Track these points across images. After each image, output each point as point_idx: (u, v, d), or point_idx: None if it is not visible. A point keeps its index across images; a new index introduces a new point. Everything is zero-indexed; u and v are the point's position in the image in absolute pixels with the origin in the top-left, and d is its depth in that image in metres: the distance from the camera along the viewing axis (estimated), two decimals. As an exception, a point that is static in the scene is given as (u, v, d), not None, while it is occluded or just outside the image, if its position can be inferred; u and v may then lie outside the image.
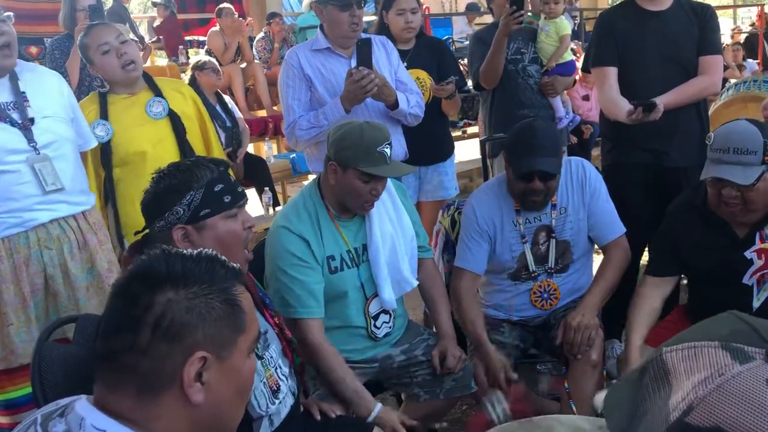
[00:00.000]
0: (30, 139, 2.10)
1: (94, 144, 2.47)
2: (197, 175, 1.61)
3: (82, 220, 2.24)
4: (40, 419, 0.99)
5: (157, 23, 8.23)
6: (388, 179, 2.21)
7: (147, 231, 1.71)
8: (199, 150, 2.72)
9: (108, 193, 2.59)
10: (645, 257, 3.05)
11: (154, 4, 8.11)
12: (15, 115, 2.10)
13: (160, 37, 7.86)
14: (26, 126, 2.10)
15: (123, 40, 2.58)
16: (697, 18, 2.84)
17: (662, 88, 2.76)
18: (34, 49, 5.90)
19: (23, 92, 2.14)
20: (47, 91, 2.22)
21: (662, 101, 2.66)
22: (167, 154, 2.61)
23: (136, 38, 7.36)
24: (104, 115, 2.57)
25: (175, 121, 2.65)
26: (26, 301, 2.13)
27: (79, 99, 2.63)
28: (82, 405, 0.98)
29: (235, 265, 1.07)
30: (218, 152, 2.84)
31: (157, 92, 2.65)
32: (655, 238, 2.45)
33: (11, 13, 2.11)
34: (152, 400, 0.97)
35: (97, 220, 2.32)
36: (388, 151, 2.08)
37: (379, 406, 2.03)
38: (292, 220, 2.14)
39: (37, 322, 2.18)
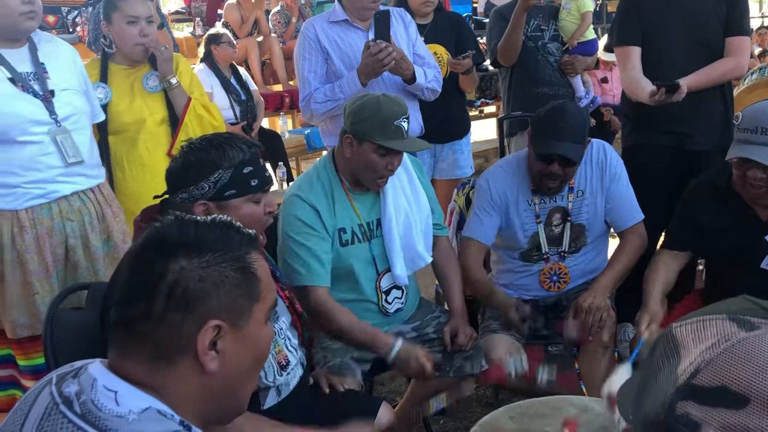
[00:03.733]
0: (51, 111, 2.11)
1: (102, 118, 2.48)
2: (229, 154, 1.61)
3: (98, 193, 2.28)
4: (55, 379, 1.00)
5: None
6: (405, 155, 2.18)
7: (165, 197, 1.70)
8: (198, 115, 2.70)
9: (102, 156, 2.60)
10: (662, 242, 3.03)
11: None
12: (36, 87, 2.10)
13: (192, 5, 7.76)
14: (47, 98, 2.11)
15: (150, 21, 2.61)
16: None
17: (687, 69, 2.69)
18: (51, 18, 5.90)
19: (42, 63, 2.14)
20: (63, 62, 2.24)
21: (685, 83, 2.61)
22: (159, 126, 2.65)
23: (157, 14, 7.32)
24: (103, 80, 2.60)
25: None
26: (49, 271, 2.16)
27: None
28: (96, 367, 0.98)
29: (250, 231, 1.06)
30: (218, 116, 2.84)
31: (156, 66, 2.66)
32: (675, 214, 2.42)
33: None
34: (166, 367, 0.97)
35: (109, 193, 2.35)
36: (405, 125, 2.05)
37: (400, 340, 2.06)
38: (305, 189, 2.13)
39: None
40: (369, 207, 2.21)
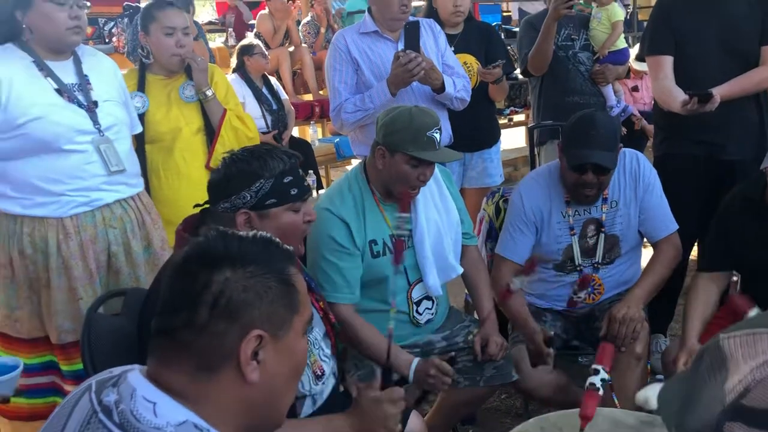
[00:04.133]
0: (95, 121, 2.18)
1: (139, 129, 2.54)
2: (270, 164, 1.64)
3: (138, 201, 2.33)
4: (94, 386, 1.01)
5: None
6: (436, 165, 2.19)
7: (205, 206, 1.73)
8: (233, 127, 2.74)
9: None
10: (694, 252, 2.98)
11: None
12: (81, 97, 2.17)
13: (227, 16, 7.85)
14: (91, 108, 2.18)
15: (187, 32, 2.66)
16: (760, 5, 2.72)
17: (721, 78, 2.66)
18: (88, 29, 6.03)
19: (86, 75, 2.21)
20: (105, 75, 2.30)
21: (719, 92, 2.58)
22: (195, 136, 2.70)
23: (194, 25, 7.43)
24: (141, 90, 2.67)
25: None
26: (93, 276, 2.22)
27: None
28: (135, 376, 1.00)
29: (289, 247, 1.08)
30: (253, 127, 2.88)
31: (191, 76, 2.71)
32: (709, 232, 2.38)
33: (88, 2, 2.19)
34: (208, 378, 0.98)
35: (148, 201, 2.41)
36: (437, 136, 2.06)
37: (416, 360, 2.06)
38: (335, 202, 2.15)
39: None
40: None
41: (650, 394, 1.82)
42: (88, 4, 2.18)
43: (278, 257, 1.05)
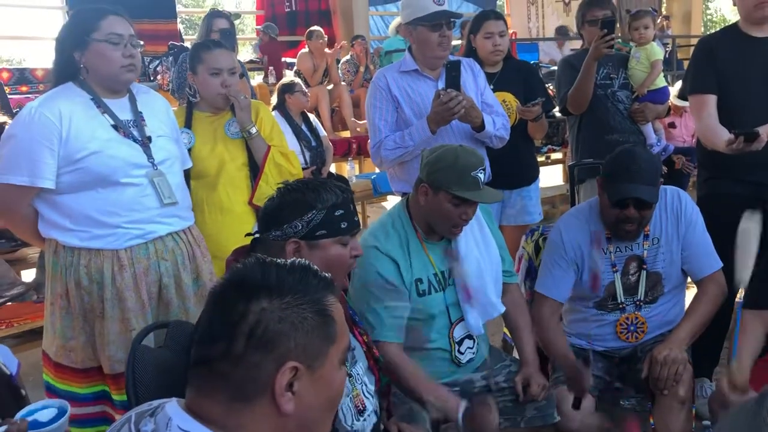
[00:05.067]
0: (149, 155, 2.25)
1: (190, 164, 2.60)
2: (323, 196, 1.68)
3: (189, 234, 2.38)
4: (134, 418, 1.04)
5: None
6: None
7: (256, 235, 1.76)
8: (277, 163, 2.79)
9: None
10: (741, 294, 2.91)
11: (257, 30, 8.34)
12: (135, 133, 2.25)
13: (264, 56, 8.06)
14: (145, 143, 2.25)
15: (233, 72, 2.73)
16: None
17: (765, 118, 2.63)
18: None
19: (140, 112, 2.29)
20: (158, 112, 2.39)
21: (765, 131, 2.55)
22: (239, 171, 2.75)
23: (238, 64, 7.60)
24: (188, 127, 2.74)
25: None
26: (145, 307, 2.26)
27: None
28: (172, 407, 1.02)
29: (327, 275, 1.09)
30: (297, 164, 2.91)
31: None
32: (757, 270, 2.33)
33: (141, 42, 2.27)
34: (243, 408, 0.99)
35: (198, 234, 2.45)
36: (481, 176, 2.08)
37: (464, 403, 2.01)
38: (381, 239, 2.16)
39: None
40: (441, 256, 2.22)
41: None
42: (142, 43, 2.26)
43: (315, 286, 1.05)
